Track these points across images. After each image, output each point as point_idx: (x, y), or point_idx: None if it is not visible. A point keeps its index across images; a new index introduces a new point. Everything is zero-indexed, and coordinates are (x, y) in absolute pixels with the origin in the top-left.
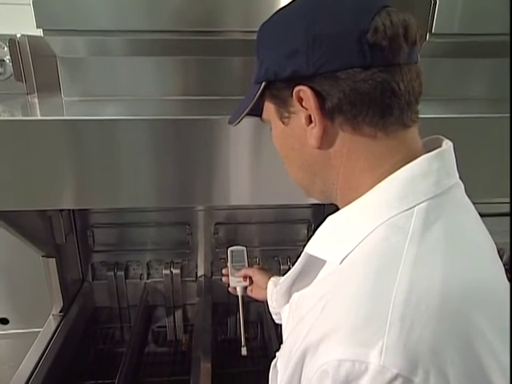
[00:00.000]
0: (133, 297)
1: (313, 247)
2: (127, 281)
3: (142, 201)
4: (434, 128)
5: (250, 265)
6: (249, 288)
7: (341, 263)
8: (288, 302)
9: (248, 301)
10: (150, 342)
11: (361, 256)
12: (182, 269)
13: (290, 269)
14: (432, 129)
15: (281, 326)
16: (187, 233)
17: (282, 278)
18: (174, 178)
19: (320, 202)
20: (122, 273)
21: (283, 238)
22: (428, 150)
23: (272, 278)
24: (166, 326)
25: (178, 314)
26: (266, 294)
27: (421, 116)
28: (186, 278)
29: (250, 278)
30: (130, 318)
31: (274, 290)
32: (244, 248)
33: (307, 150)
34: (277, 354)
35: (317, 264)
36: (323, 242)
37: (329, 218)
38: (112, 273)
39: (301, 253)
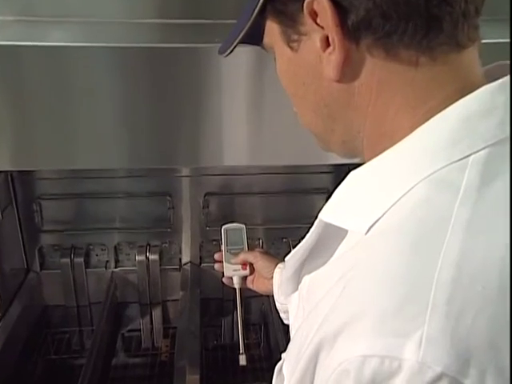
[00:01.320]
0: (96, 292)
1: (330, 213)
2: (88, 270)
3: (107, 161)
4: (500, 56)
5: (251, 248)
6: (249, 278)
7: (367, 233)
8: (297, 288)
9: (248, 295)
10: (120, 351)
11: (394, 223)
12: (161, 254)
13: None
14: (497, 58)
15: (289, 327)
16: (168, 206)
17: (289, 256)
18: (149, 129)
19: (342, 162)
20: (81, 260)
21: (294, 213)
22: (491, 80)
23: (279, 265)
24: (140, 330)
25: (157, 313)
26: (272, 286)
27: (483, 42)
28: (167, 266)
29: (251, 265)
30: (92, 320)
31: (281, 280)
32: (243, 226)
33: (323, 84)
34: (282, 355)
35: (335, 236)
36: (344, 206)
37: (351, 174)
38: (67, 260)
39: (312, 224)
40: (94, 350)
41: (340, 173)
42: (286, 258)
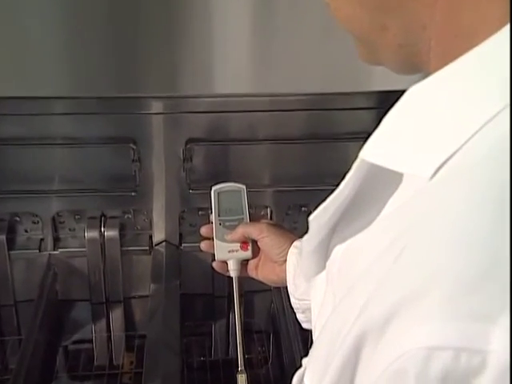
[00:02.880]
0: (25, 285)
1: (376, 151)
2: (13, 253)
3: (39, 88)
4: None
5: (255, 219)
6: (251, 263)
7: (433, 177)
8: (323, 267)
9: (251, 288)
10: (61, 371)
11: (473, 163)
12: (122, 229)
13: None
14: None
15: (311, 332)
16: (132, 158)
17: (312, 217)
18: (102, 42)
19: (392, 88)
20: (2, 237)
21: (318, 169)
22: None
23: (296, 243)
24: (91, 341)
25: (116, 316)
26: (284, 274)
27: None
28: (131, 248)
29: (255, 243)
30: (20, 327)
31: (301, 264)
32: (242, 188)
33: None
34: (303, 361)
35: (383, 184)
36: (397, 140)
37: (410, 92)
38: None
39: (345, 173)
40: (23, 370)
41: (387, 107)
42: (310, 218)
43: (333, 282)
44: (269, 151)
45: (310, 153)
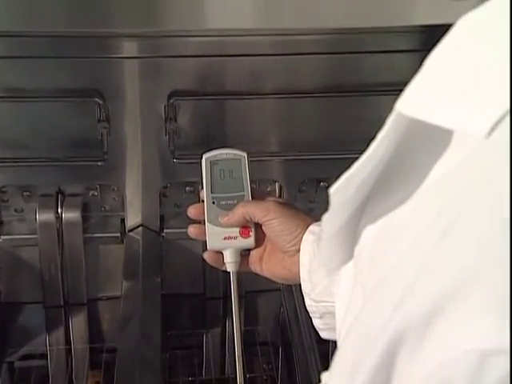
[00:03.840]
0: None
1: (418, 102)
2: None
3: None
4: None
5: (258, 196)
6: (254, 254)
7: (489, 136)
8: (350, 255)
9: (254, 288)
10: None
11: None
12: (85, 211)
13: None
14: None
15: (334, 344)
16: (98, 118)
17: (334, 189)
18: None
19: (438, 22)
20: None
21: (342, 131)
22: None
23: (312, 228)
24: (45, 356)
25: (78, 323)
26: (297, 268)
27: None
28: (97, 234)
29: (259, 228)
30: None
31: (319, 253)
32: (243, 156)
33: None
34: (323, 377)
35: (425, 145)
36: (444, 89)
37: (457, 26)
38: None
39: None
40: None
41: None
42: (331, 191)
43: (362, 273)
44: (277, 108)
45: (330, 110)
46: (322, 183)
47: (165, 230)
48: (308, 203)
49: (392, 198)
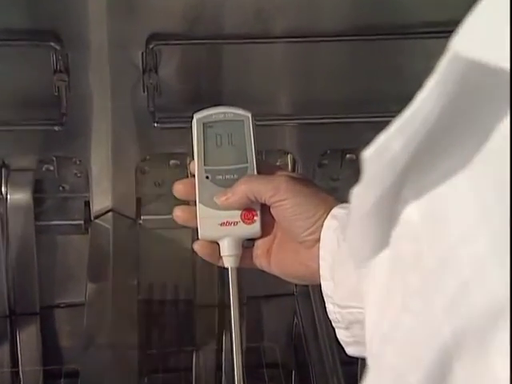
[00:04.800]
0: None
1: (479, 39)
2: None
3: None
4: None
5: (266, 170)
6: (260, 244)
7: None
8: (386, 241)
9: (258, 293)
10: None
11: None
12: (38, 191)
13: None
14: None
15: (363, 363)
16: (54, 68)
17: (368, 153)
18: None
19: None
20: None
21: (374, 86)
22: None
23: (336, 212)
24: None
25: (28, 338)
26: (316, 263)
27: None
28: (54, 222)
29: (266, 210)
30: None
31: (346, 239)
32: (246, 116)
33: None
34: None
35: (488, 95)
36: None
37: None
38: None
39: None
40: None
41: None
42: (365, 155)
43: (404, 262)
44: (289, 56)
45: (359, 58)
46: (348, 155)
47: (142, 217)
48: (330, 181)
49: (443, 165)
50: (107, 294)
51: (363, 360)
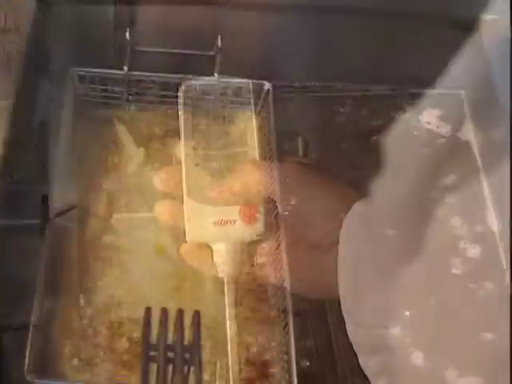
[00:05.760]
0: None
1: None
2: None
3: None
4: None
5: (271, 156)
6: (264, 248)
7: None
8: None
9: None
10: None
11: None
12: None
13: None
14: None
15: None
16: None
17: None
18: None
19: None
20: None
21: (406, 52)
22: None
23: (357, 208)
24: None
25: None
26: (335, 271)
27: None
28: (0, 221)
29: (272, 207)
30: None
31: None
32: (245, 84)
33: None
34: None
35: None
36: None
37: None
38: None
39: None
40: None
41: None
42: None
43: (442, 267)
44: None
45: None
46: (372, 137)
47: (114, 215)
48: (352, 170)
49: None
50: (76, 312)
51: None
